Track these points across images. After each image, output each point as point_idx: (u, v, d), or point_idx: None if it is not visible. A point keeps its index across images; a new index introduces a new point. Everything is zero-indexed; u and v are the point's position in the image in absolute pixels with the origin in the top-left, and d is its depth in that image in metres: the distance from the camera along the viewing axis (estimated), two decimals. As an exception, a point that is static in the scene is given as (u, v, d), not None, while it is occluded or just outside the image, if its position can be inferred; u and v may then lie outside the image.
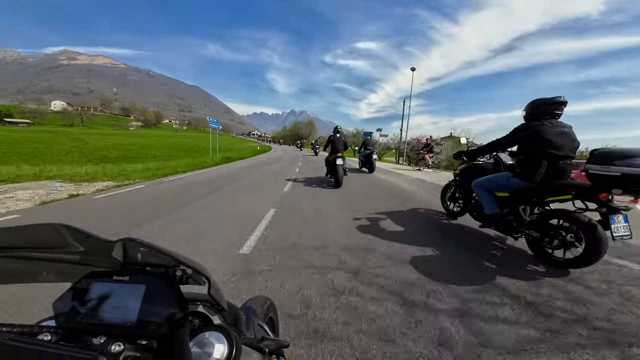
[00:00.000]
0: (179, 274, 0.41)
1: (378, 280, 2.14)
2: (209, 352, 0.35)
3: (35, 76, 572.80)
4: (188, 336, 0.35)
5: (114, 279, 0.40)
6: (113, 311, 0.37)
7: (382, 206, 4.76)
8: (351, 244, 2.94)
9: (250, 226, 3.43)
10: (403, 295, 1.92)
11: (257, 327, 0.66)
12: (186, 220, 3.66)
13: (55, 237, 0.35)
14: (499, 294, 1.96)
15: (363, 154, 11.77)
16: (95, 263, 0.42)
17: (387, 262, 2.50)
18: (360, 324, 1.60)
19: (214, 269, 2.25)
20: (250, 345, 0.45)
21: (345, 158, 7.42)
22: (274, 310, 0.99)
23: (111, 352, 0.32)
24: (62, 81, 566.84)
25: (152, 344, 0.37)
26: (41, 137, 32.32)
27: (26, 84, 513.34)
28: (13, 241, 0.36)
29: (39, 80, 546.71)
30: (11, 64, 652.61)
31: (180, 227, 3.36)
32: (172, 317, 0.37)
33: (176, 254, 0.36)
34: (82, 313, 0.37)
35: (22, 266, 0.41)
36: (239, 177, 8.70)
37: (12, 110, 74.72)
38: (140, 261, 0.40)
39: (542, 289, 2.04)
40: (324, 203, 5.08)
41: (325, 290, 1.97)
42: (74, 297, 0.39)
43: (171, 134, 62.90)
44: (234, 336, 0.37)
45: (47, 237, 0.35)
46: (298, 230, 3.36)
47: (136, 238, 0.35)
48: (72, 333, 0.36)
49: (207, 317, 0.44)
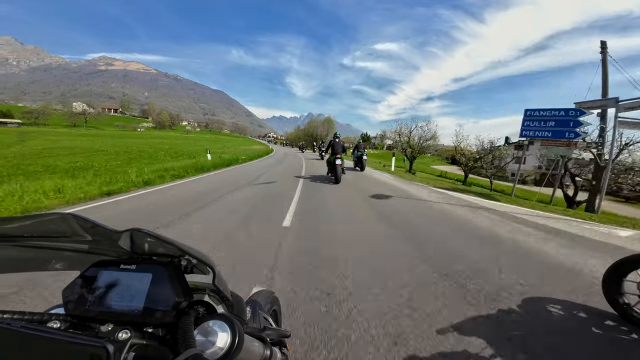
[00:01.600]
0: (184, 263, 0.42)
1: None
2: (213, 340, 0.36)
3: (77, 80, 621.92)
4: (193, 324, 0.36)
5: (121, 268, 0.41)
6: (120, 299, 0.38)
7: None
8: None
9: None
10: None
11: (262, 319, 0.68)
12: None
13: (64, 227, 0.35)
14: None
15: (356, 155, 13.18)
16: (103, 252, 0.43)
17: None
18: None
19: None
20: (253, 334, 0.46)
21: (344, 159, 8.51)
22: (277, 303, 1.04)
23: (118, 339, 0.34)
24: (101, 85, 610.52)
25: (157, 332, 0.38)
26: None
27: (69, 88, 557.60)
28: (23, 230, 0.36)
29: (80, 85, 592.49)
30: (56, 69, 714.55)
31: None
32: (177, 305, 0.38)
33: (181, 244, 0.37)
34: (90, 301, 0.38)
35: (31, 254, 0.42)
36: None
37: (38, 110, 74.03)
38: (146, 251, 0.41)
39: None
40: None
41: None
42: (82, 285, 0.40)
43: (167, 136, 58.11)
44: (237, 325, 0.37)
45: (56, 226, 0.35)
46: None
47: (142, 228, 0.36)
48: (80, 320, 0.38)
49: (211, 306, 0.44)
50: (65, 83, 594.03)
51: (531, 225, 4.49)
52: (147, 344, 0.35)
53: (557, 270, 2.72)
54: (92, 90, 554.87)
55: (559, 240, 3.73)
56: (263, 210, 4.71)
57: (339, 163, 7.93)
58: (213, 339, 0.36)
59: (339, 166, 7.95)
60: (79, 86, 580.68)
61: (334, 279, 2.32)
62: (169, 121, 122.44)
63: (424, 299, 2.06)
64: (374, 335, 1.63)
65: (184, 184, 7.00)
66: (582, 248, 3.42)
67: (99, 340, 0.30)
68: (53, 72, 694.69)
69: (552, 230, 4.20)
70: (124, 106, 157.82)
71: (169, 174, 7.76)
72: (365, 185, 8.20)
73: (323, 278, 2.32)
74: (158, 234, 0.36)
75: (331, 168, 8.67)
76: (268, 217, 4.25)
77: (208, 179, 7.93)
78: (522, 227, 4.34)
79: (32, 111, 74.98)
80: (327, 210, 4.85)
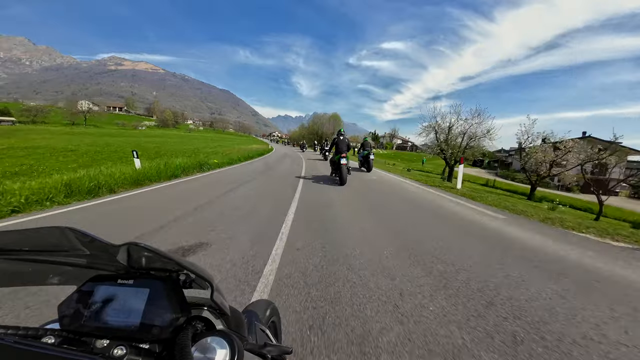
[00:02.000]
0: (182, 278, 0.41)
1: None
2: (211, 357, 0.35)
3: (88, 80, 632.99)
4: (190, 341, 0.35)
5: (118, 283, 0.40)
6: (117, 314, 0.37)
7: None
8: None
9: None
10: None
11: (259, 332, 0.65)
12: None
13: (62, 240, 0.35)
14: None
15: (362, 155, 11.98)
16: (101, 266, 0.42)
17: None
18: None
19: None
20: (252, 351, 0.44)
21: (348, 158, 7.91)
22: (276, 314, 0.97)
23: (113, 355, 0.33)
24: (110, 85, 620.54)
25: (154, 348, 0.37)
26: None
27: (79, 87, 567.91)
28: (20, 243, 0.36)
29: (91, 84, 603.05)
30: (67, 69, 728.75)
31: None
32: (175, 321, 0.37)
33: (179, 258, 0.36)
34: (86, 316, 0.38)
35: (28, 269, 0.41)
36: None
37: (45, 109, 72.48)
38: (144, 265, 0.40)
39: None
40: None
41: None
42: (79, 300, 0.39)
43: (164, 134, 55.12)
44: (236, 342, 0.37)
45: (54, 240, 0.35)
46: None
47: (140, 242, 0.35)
48: (75, 336, 0.37)
49: (210, 321, 0.43)
50: (76, 82, 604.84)
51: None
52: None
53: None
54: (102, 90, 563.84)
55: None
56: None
57: (344, 163, 7.50)
58: (211, 356, 0.35)
59: (344, 166, 7.50)
60: (90, 85, 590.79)
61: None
62: (173, 120, 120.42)
63: None
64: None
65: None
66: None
67: (93, 357, 0.29)
68: (64, 71, 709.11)
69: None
70: (128, 105, 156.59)
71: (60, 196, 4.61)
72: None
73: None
74: (156, 249, 0.35)
75: (335, 168, 8.15)
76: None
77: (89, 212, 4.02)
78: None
79: (30, 109, 73.15)
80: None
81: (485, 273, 2.52)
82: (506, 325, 1.76)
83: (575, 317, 1.91)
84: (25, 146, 19.48)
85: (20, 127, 48.51)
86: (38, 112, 71.21)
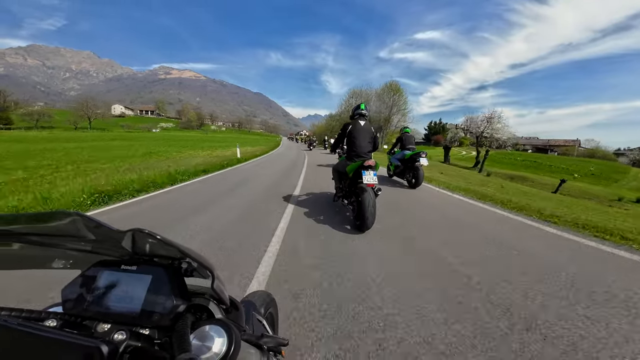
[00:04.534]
0: (184, 266, 0.42)
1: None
2: (209, 345, 0.35)
3: (142, 89, 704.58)
4: (189, 328, 0.35)
5: (122, 268, 0.41)
6: (119, 300, 0.38)
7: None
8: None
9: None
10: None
11: (256, 322, 0.65)
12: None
13: (69, 226, 0.35)
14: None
15: (400, 157, 6.50)
16: (105, 252, 0.43)
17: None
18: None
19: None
20: (250, 341, 0.45)
21: (378, 167, 3.64)
22: (274, 305, 0.98)
23: (114, 340, 0.33)
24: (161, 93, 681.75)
25: (154, 334, 0.38)
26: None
27: (136, 95, 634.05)
28: (29, 228, 0.36)
29: (145, 92, 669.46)
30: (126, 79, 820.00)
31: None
32: (175, 308, 0.38)
33: (182, 246, 0.36)
34: (88, 300, 0.38)
35: (34, 252, 0.42)
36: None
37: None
38: (148, 252, 0.41)
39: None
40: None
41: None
42: (82, 284, 0.40)
43: (175, 137, 49.31)
44: (234, 331, 0.37)
45: (62, 225, 0.35)
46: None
47: (145, 229, 0.35)
48: (77, 320, 0.38)
49: (209, 310, 0.44)
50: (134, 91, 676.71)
51: None
52: (142, 346, 0.34)
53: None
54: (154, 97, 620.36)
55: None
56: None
57: (369, 183, 3.26)
58: (209, 344, 0.35)
59: (370, 189, 3.22)
60: (144, 93, 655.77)
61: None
62: (197, 121, 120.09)
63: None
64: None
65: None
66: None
67: (94, 341, 0.30)
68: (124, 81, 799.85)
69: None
70: (159, 108, 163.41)
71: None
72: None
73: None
74: (160, 236, 0.35)
75: (344, 188, 3.83)
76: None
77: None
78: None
79: (32, 113, 71.19)
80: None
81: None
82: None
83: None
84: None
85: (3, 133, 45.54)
86: (40, 116, 68.90)
